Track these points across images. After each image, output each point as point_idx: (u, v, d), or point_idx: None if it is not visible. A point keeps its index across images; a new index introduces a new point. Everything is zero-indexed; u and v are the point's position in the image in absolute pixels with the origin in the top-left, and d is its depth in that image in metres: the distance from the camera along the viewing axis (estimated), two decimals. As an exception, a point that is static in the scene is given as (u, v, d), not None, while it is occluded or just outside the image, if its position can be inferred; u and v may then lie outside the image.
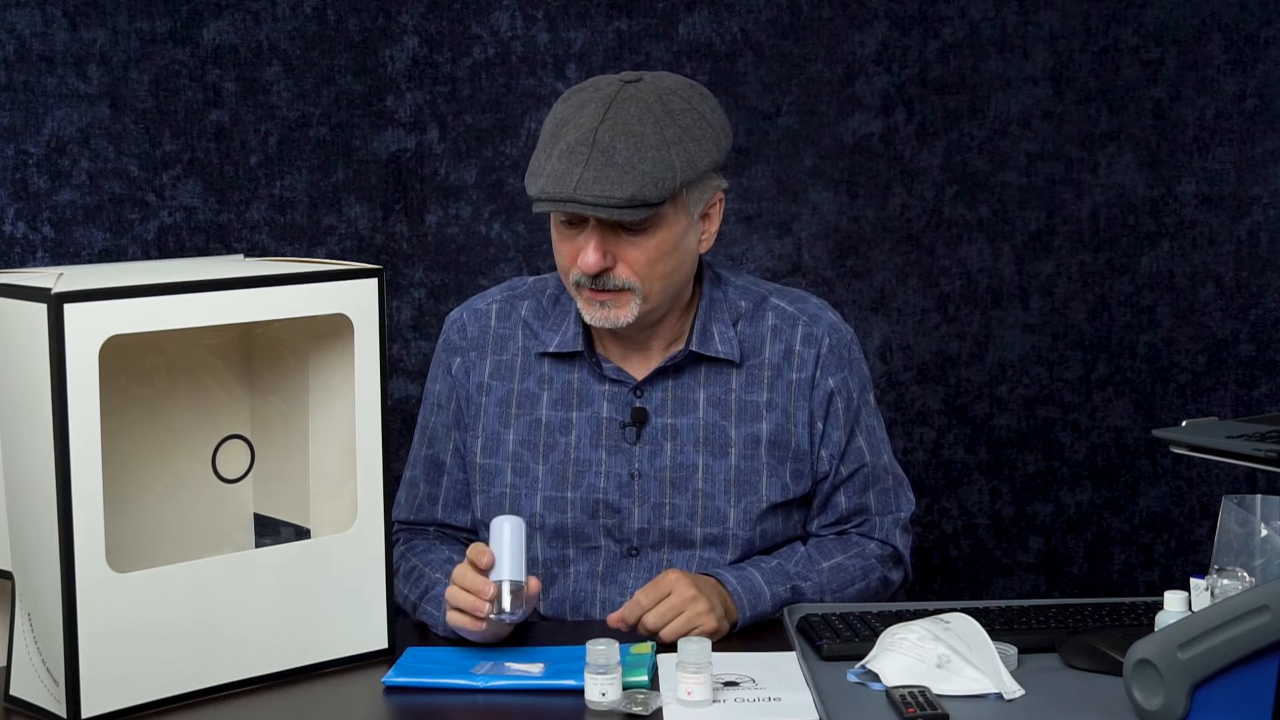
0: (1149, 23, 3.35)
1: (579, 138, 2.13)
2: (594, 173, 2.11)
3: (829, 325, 2.35)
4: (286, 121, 3.30)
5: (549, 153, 2.15)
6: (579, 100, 2.18)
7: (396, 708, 1.97)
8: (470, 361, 2.33)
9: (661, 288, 2.21)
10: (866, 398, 2.38)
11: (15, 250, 3.27)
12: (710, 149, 2.19)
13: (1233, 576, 1.95)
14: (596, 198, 2.10)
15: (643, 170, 2.11)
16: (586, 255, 2.16)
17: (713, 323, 2.29)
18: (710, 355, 2.28)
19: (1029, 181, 3.39)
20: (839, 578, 2.30)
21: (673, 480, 2.26)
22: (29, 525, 1.92)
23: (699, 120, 2.18)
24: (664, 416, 2.27)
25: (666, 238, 2.18)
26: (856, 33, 3.34)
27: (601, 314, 2.20)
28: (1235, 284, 3.41)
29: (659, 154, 2.12)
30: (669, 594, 2.11)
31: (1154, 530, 3.45)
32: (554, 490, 2.27)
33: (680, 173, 2.14)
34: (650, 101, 2.15)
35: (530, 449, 2.29)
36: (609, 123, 2.13)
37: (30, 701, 1.95)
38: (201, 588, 1.97)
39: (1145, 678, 1.82)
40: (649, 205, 2.13)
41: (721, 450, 2.27)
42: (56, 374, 1.84)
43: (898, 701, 1.87)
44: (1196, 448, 2.20)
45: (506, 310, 2.35)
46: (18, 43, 3.23)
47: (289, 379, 2.17)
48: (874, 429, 2.40)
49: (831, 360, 2.32)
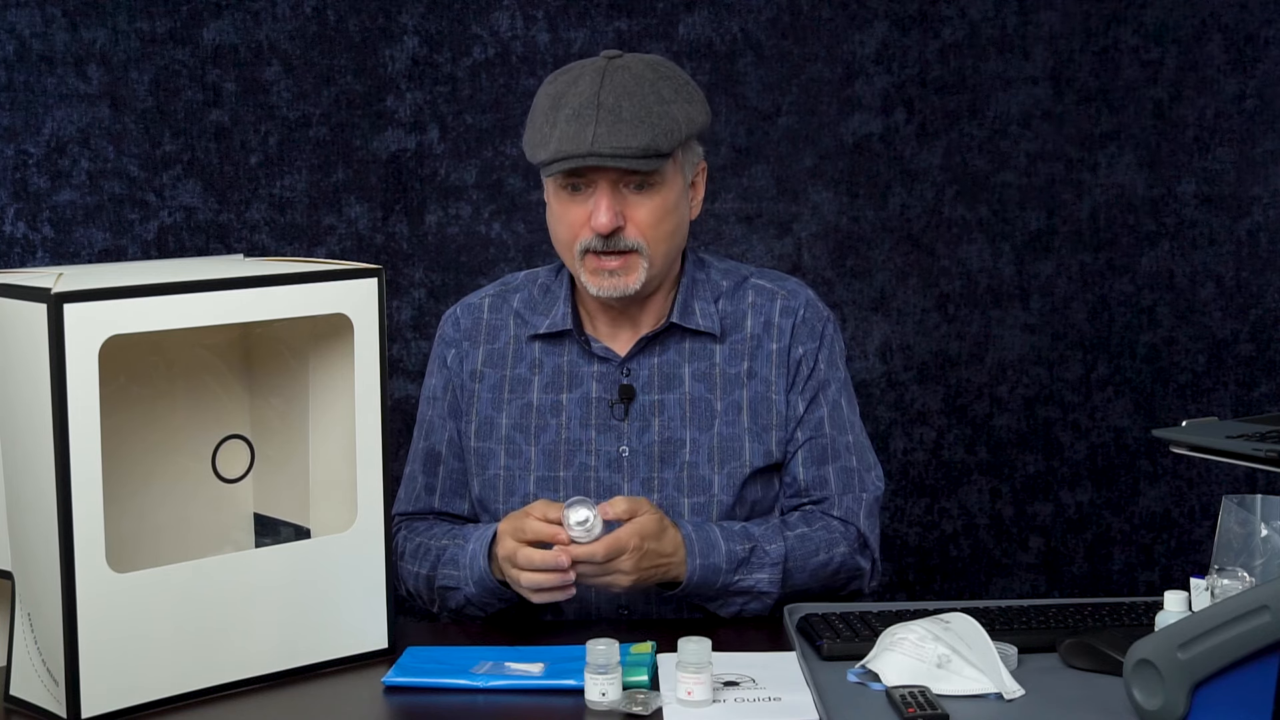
0: (1149, 23, 3.35)
1: (582, 103, 2.20)
2: (606, 129, 2.18)
3: (806, 300, 2.38)
4: (286, 121, 3.30)
5: (553, 120, 2.22)
6: (570, 77, 2.25)
7: (396, 708, 1.97)
8: (464, 351, 2.38)
9: (665, 250, 2.27)
10: (836, 373, 2.38)
11: (15, 250, 3.27)
12: (702, 109, 2.28)
13: (1233, 576, 1.95)
14: (614, 149, 2.18)
15: (651, 123, 2.20)
16: (600, 215, 2.21)
17: (694, 299, 2.34)
18: (691, 328, 2.31)
19: (1029, 181, 3.39)
20: (803, 546, 2.27)
21: (661, 455, 2.29)
22: (29, 525, 1.92)
23: (686, 84, 2.28)
24: (651, 393, 2.31)
25: (668, 196, 2.25)
26: (856, 33, 3.34)
27: (610, 283, 2.25)
28: (1235, 284, 3.41)
29: (662, 108, 2.21)
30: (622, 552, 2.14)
31: (1154, 530, 3.45)
32: (546, 470, 2.31)
33: (685, 126, 2.23)
34: (640, 69, 2.24)
35: (522, 431, 2.32)
36: (608, 88, 2.21)
37: (30, 701, 1.95)
38: (201, 588, 1.97)
39: (1145, 678, 1.82)
40: (661, 155, 2.21)
41: (708, 422, 2.31)
42: (56, 374, 1.84)
43: (898, 701, 1.87)
44: (1196, 448, 2.20)
45: (498, 303, 2.40)
46: (18, 43, 3.23)
47: (289, 379, 2.17)
48: (840, 405, 2.37)
49: (804, 331, 2.35)
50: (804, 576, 2.28)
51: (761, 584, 2.24)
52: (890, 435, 3.42)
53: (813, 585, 2.30)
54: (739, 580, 2.23)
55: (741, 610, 2.27)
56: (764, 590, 2.25)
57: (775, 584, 2.25)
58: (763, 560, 2.24)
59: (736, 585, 2.23)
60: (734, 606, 2.26)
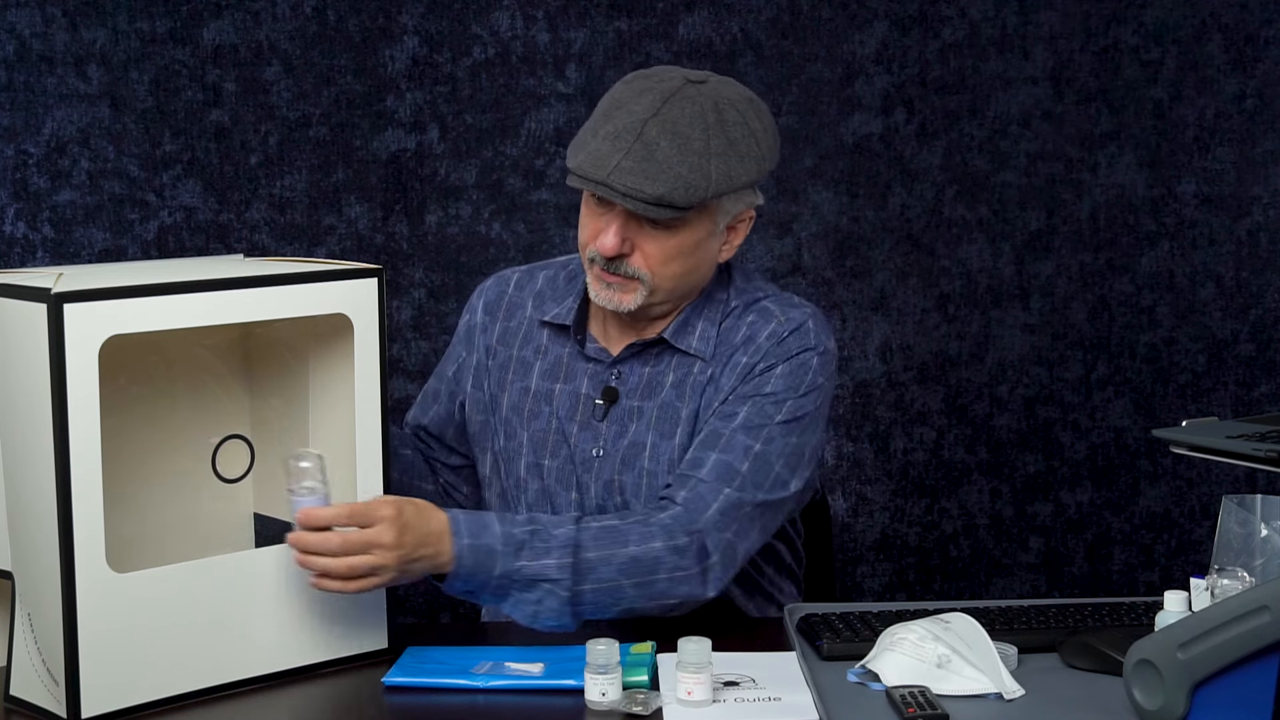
0: (1149, 23, 3.35)
1: (628, 124, 2.15)
2: (632, 163, 2.13)
3: (799, 327, 2.25)
4: (286, 121, 3.30)
5: (596, 132, 2.18)
6: (639, 87, 2.19)
7: (396, 708, 1.97)
8: (483, 324, 2.40)
9: (671, 286, 2.23)
10: (788, 404, 2.21)
11: (15, 250, 3.27)
12: (751, 167, 2.19)
13: (1233, 576, 1.95)
14: (627, 188, 2.13)
15: (678, 173, 2.13)
16: (606, 238, 2.19)
17: (700, 318, 2.29)
18: (682, 349, 2.27)
19: (1029, 181, 3.39)
20: (608, 535, 2.08)
21: (624, 458, 2.28)
22: (29, 525, 1.92)
23: (748, 135, 2.18)
24: (634, 399, 2.29)
25: (687, 240, 2.20)
26: (856, 33, 3.34)
27: (607, 294, 2.23)
28: (1235, 284, 3.41)
29: (699, 161, 2.14)
30: (362, 552, 1.99)
31: (1154, 530, 3.45)
32: (534, 457, 2.32)
33: (714, 185, 2.15)
34: (706, 107, 2.16)
35: (518, 414, 2.33)
36: (660, 117, 2.15)
37: (30, 701, 1.95)
38: (201, 588, 1.97)
39: (1145, 678, 1.82)
40: (675, 208, 2.14)
41: (671, 430, 2.27)
42: (56, 374, 1.84)
43: (898, 701, 1.87)
44: (1196, 448, 2.20)
45: (525, 280, 2.41)
46: (18, 43, 3.23)
47: (289, 379, 2.17)
48: (771, 421, 2.19)
49: (777, 350, 2.23)
50: (612, 571, 2.08)
51: (550, 570, 2.05)
52: (890, 435, 3.42)
53: (632, 590, 2.09)
54: (522, 566, 2.05)
55: (537, 612, 2.09)
56: (554, 578, 2.05)
57: (566, 571, 2.05)
58: (548, 543, 2.06)
59: (520, 572, 2.05)
60: (527, 605, 2.08)
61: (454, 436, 2.43)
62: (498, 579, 2.05)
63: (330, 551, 1.98)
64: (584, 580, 2.07)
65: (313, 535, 1.98)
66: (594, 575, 2.07)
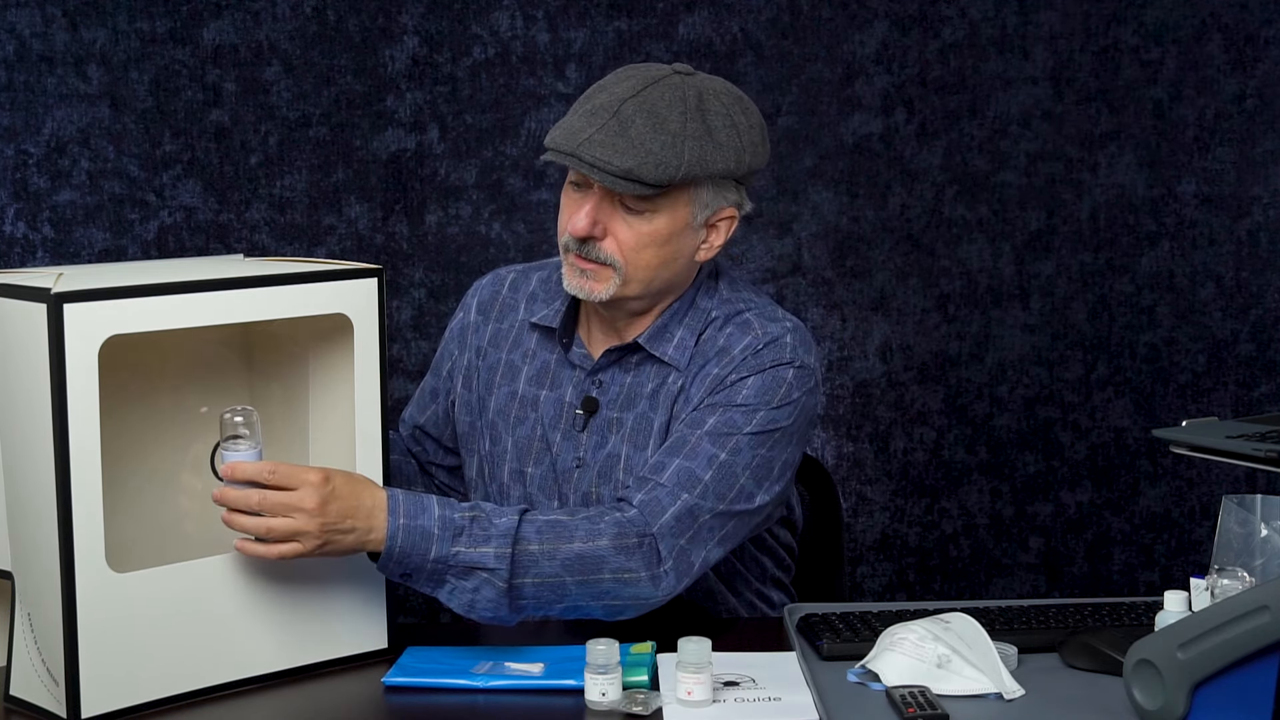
0: (1149, 23, 3.35)
1: (606, 102, 2.15)
2: (604, 136, 2.12)
3: (775, 340, 2.20)
4: (286, 121, 3.30)
5: (576, 110, 2.18)
6: (624, 74, 2.20)
7: (396, 708, 1.97)
8: (476, 325, 2.39)
9: (644, 276, 2.19)
10: (760, 415, 2.15)
11: (15, 250, 3.27)
12: (729, 156, 2.16)
13: (1233, 576, 1.95)
14: (596, 159, 2.11)
15: (649, 149, 2.11)
16: (578, 219, 2.16)
17: (680, 326, 2.24)
18: (656, 356, 2.24)
19: (1029, 181, 3.39)
20: (553, 530, 2.03)
21: (601, 471, 2.26)
22: (29, 525, 1.92)
23: (729, 126, 2.16)
24: (614, 410, 2.26)
25: (660, 228, 2.17)
26: (856, 33, 3.34)
27: (579, 282, 2.20)
28: (1235, 284, 3.41)
29: (673, 140, 2.12)
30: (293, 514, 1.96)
31: (1154, 530, 3.45)
32: (518, 464, 2.30)
33: (686, 165, 2.12)
34: (688, 94, 2.15)
35: (504, 419, 2.32)
36: (639, 98, 2.14)
37: (30, 701, 1.95)
38: (201, 588, 1.97)
39: (1145, 678, 1.82)
40: (644, 184, 2.12)
41: (644, 441, 2.24)
42: (56, 374, 1.84)
43: (898, 701, 1.87)
44: (1196, 448, 2.20)
45: (520, 280, 2.39)
46: (18, 43, 3.23)
47: (289, 379, 2.17)
48: (738, 432, 2.15)
49: (749, 362, 2.18)
50: (555, 566, 2.02)
51: (488, 559, 1.99)
52: (890, 435, 3.42)
53: (575, 588, 2.04)
54: (458, 553, 1.99)
55: (473, 601, 2.02)
56: (491, 567, 1.99)
57: (504, 561, 1.99)
58: (487, 531, 2.01)
59: (456, 558, 1.99)
60: (463, 594, 2.02)
61: (451, 437, 2.43)
62: (433, 563, 2.00)
63: (248, 508, 1.95)
64: (524, 573, 2.02)
65: (234, 490, 1.96)
66: (535, 569, 2.02)
